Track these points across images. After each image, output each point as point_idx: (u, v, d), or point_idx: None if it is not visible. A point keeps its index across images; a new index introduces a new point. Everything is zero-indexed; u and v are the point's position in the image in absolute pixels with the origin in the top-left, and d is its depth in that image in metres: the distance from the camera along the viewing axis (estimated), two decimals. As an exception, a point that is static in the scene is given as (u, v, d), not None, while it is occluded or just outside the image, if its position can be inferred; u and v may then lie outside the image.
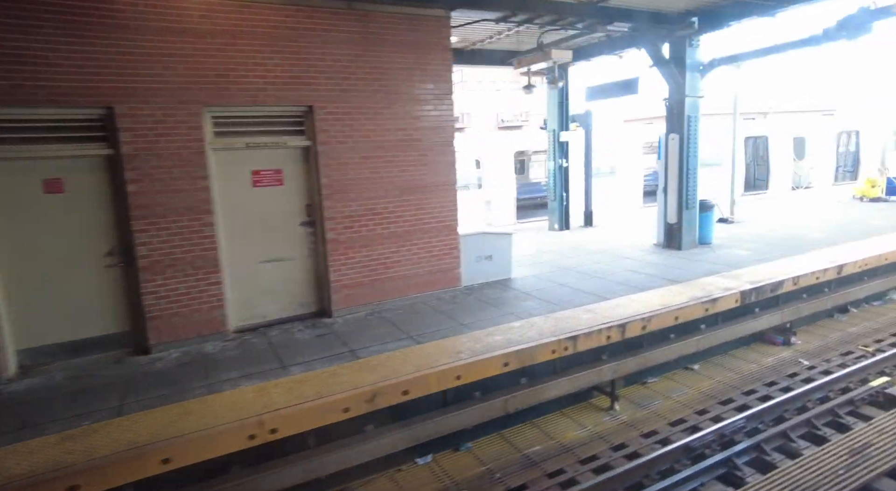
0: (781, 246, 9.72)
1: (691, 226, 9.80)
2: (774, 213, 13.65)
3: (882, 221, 11.63)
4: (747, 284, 7.32)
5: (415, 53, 6.89)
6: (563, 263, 9.25)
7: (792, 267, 8.14)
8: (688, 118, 9.37)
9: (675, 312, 6.50)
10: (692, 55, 9.22)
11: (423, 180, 7.14)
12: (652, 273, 8.23)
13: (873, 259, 8.59)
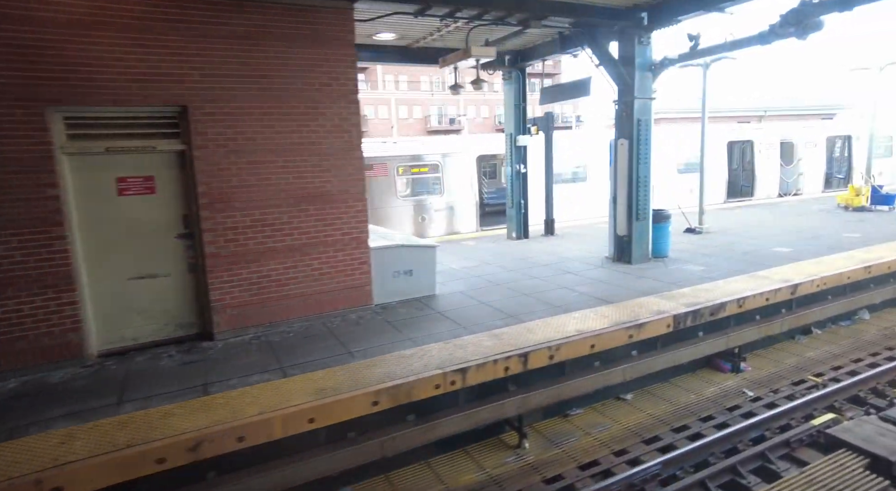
0: (741, 261, 8.97)
1: (643, 238, 9.07)
2: (749, 223, 12.87)
3: (857, 234, 10.83)
4: (683, 306, 6.59)
5: (312, 49, 6.23)
6: (499, 277, 8.55)
7: (741, 286, 7.39)
8: (637, 122, 8.65)
9: (591, 340, 5.78)
10: (642, 54, 8.50)
11: (324, 188, 6.47)
12: (587, 292, 7.51)
13: (832, 278, 7.82)
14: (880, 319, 8.89)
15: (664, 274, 8.31)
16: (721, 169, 17.47)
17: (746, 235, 11.23)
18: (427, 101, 55.24)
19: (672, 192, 16.62)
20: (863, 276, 8.26)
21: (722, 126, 18.76)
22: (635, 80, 8.49)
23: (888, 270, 8.53)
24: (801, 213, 14.34)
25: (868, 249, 9.35)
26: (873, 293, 8.72)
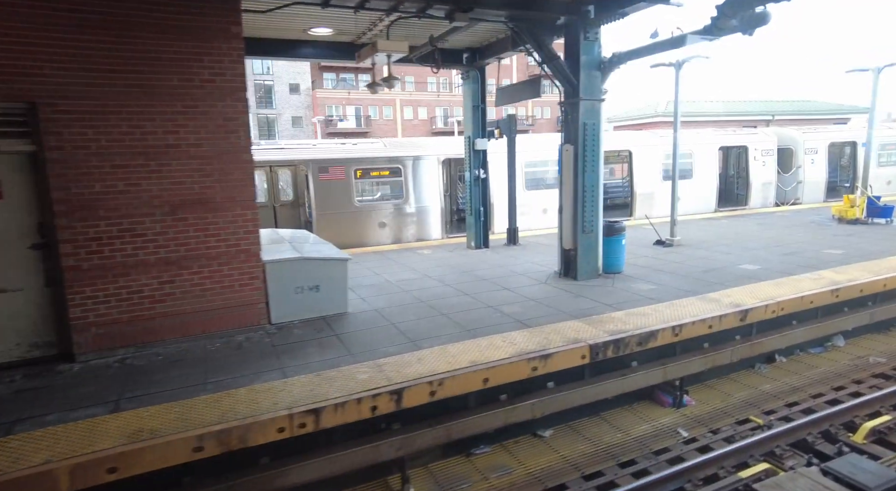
0: (699, 280, 8.14)
1: (590, 253, 8.30)
2: (727, 236, 11.96)
3: (839, 251, 9.90)
4: (606, 334, 5.83)
5: (191, 40, 5.61)
6: (430, 292, 7.85)
7: (684, 311, 6.59)
8: (583, 125, 7.88)
9: (484, 373, 5.06)
10: (589, 50, 7.74)
11: (206, 194, 5.85)
12: (513, 312, 6.77)
13: (791, 303, 6.97)
14: (856, 346, 8.00)
15: (607, 293, 7.53)
16: (711, 176, 16.51)
17: (718, 250, 10.37)
18: (433, 102, 54.66)
19: (659, 201, 15.77)
20: (829, 300, 7.39)
21: (712, 130, 17.78)
22: (580, 80, 7.73)
23: (859, 293, 7.64)
24: (790, 224, 13.37)
25: (843, 268, 8.45)
26: (846, 318, 7.83)
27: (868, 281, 7.71)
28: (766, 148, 17.35)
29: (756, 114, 28.89)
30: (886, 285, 7.88)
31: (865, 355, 7.65)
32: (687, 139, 16.39)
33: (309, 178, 11.96)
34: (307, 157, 11.90)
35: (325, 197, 12.06)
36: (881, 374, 7.09)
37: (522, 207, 14.01)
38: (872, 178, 18.89)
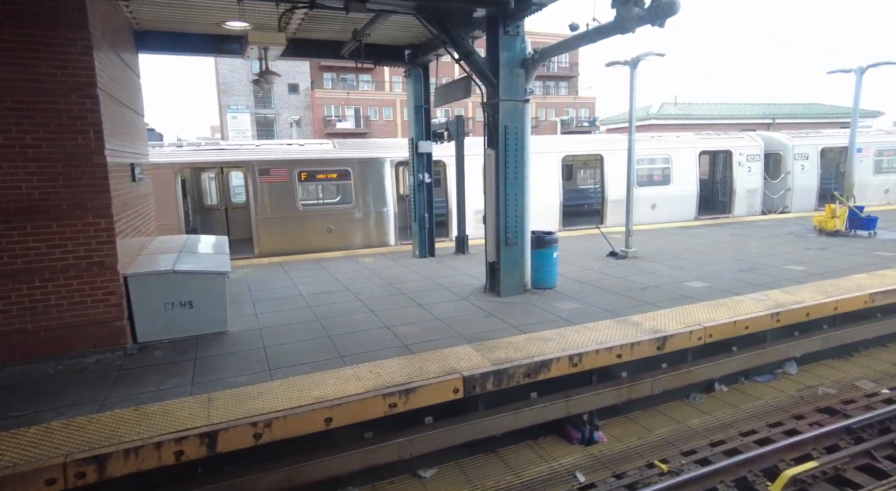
0: (633, 299, 7.40)
1: (515, 267, 7.59)
2: (689, 247, 11.14)
3: (802, 267, 9.07)
4: (489, 364, 5.13)
5: (25, 28, 5.03)
6: (337, 309, 7.22)
7: (595, 336, 5.87)
8: (504, 129, 7.19)
9: (327, 412, 4.39)
10: (510, 46, 7.04)
11: (48, 201, 5.26)
12: (408, 333, 6.11)
13: (722, 329, 6.21)
14: (809, 374, 7.21)
15: (523, 313, 6.82)
16: (691, 182, 15.65)
17: (672, 264, 9.59)
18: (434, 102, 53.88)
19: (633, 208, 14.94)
20: (769, 325, 6.61)
21: (693, 134, 16.89)
22: (500, 79, 7.03)
23: (805, 317, 6.84)
24: (767, 235, 12.51)
25: (794, 288, 7.64)
26: (796, 344, 7.05)
27: (816, 303, 6.91)
28: (752, 153, 16.44)
29: (755, 117, 27.81)
30: (838, 308, 7.07)
31: (816, 385, 6.87)
32: (664, 143, 15.59)
33: (248, 181, 11.38)
34: (248, 158, 11.33)
35: (265, 200, 11.47)
36: (827, 407, 6.31)
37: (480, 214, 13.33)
38: (869, 185, 17.95)
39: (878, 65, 11.55)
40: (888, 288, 7.46)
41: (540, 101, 57.61)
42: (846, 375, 7.16)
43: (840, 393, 6.70)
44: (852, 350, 7.82)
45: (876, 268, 8.80)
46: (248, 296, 8.04)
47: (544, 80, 60.92)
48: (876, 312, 7.96)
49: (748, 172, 16.40)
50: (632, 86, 10.02)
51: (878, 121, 29.56)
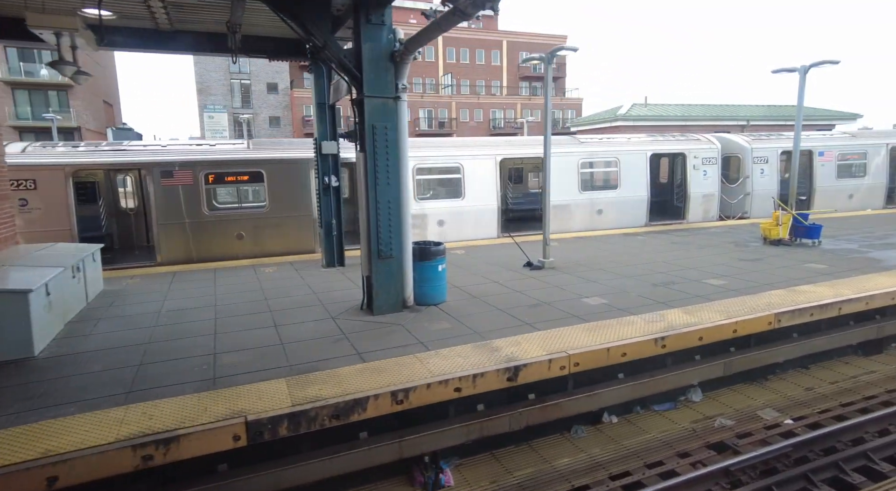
0: (516, 318, 6.69)
1: (390, 282, 6.86)
2: (612, 257, 10.41)
3: (724, 281, 8.36)
4: (290, 405, 4.39)
5: None
6: (178, 330, 6.49)
7: (435, 367, 5.14)
8: (372, 129, 6.46)
9: (54, 470, 3.65)
10: (375, 37, 6.31)
11: None
12: (236, 363, 5.38)
13: (592, 357, 5.49)
14: (714, 401, 6.53)
15: (383, 336, 6.09)
16: (641, 186, 14.93)
17: (585, 276, 8.87)
18: (416, 103, 53.43)
19: (577, 214, 14.26)
20: (653, 351, 5.89)
21: (645, 136, 16.19)
22: (364, 73, 6.31)
23: (698, 341, 6.12)
24: (708, 244, 11.80)
25: (697, 307, 6.93)
26: (696, 370, 6.35)
27: (712, 326, 6.19)
28: (708, 156, 15.74)
29: (729, 119, 27.15)
30: (737, 330, 6.36)
31: (716, 416, 6.17)
32: (612, 145, 14.89)
33: (149, 183, 10.63)
34: (148, 159, 10.58)
35: (167, 205, 10.72)
36: (719, 442, 5.62)
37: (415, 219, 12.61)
38: (832, 191, 17.26)
39: (820, 64, 10.85)
40: (796, 307, 6.75)
41: (526, 103, 57.06)
42: (752, 404, 6.48)
43: (738, 425, 6.02)
44: (769, 373, 7.15)
45: (800, 282, 8.10)
46: (105, 312, 7.30)
47: (530, 81, 60.39)
48: (793, 331, 7.27)
49: (703, 176, 15.70)
50: (547, 84, 9.29)
51: (852, 124, 28.95)
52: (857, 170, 17.75)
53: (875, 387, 6.98)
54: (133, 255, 11.84)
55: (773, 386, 6.99)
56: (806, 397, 6.70)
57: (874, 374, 7.39)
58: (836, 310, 7.07)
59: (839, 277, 8.41)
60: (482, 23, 63.16)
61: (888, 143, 17.60)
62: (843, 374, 7.39)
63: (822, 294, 7.37)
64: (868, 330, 7.70)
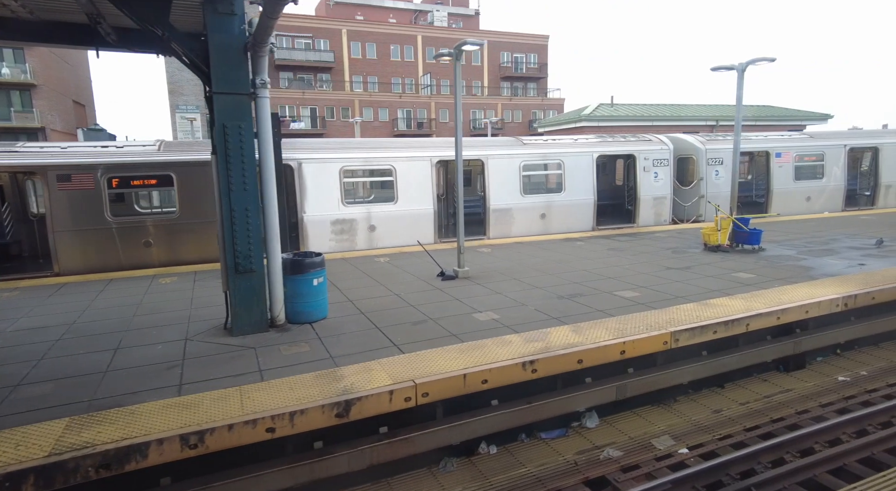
0: (389, 338, 6.06)
1: (253, 299, 6.22)
2: (543, 264, 9.81)
3: (640, 293, 7.79)
4: (42, 457, 3.73)
5: None
6: (4, 353, 5.79)
7: (262, 402, 4.50)
8: (223, 129, 5.81)
9: None
10: (224, 26, 5.67)
11: None
12: (33, 397, 4.70)
13: (444, 385, 4.86)
14: (610, 427, 5.97)
15: (230, 360, 5.45)
16: (587, 190, 14.36)
17: (494, 287, 8.27)
18: (395, 103, 52.83)
19: (519, 219, 13.67)
20: (520, 377, 5.28)
21: (594, 137, 15.64)
22: (213, 66, 5.66)
23: (577, 365, 5.52)
24: (644, 251, 11.24)
25: (588, 325, 6.34)
26: (587, 394, 5.76)
27: (593, 348, 5.60)
28: (659, 157, 15.21)
29: (699, 119, 26.70)
30: (626, 352, 5.77)
31: (605, 445, 5.58)
32: (557, 147, 14.32)
33: (46, 188, 9.91)
34: (43, 161, 9.86)
35: (65, 211, 10.01)
36: (599, 477, 5.04)
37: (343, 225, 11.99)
38: (789, 193, 16.78)
39: (756, 61, 10.32)
40: (697, 324, 6.17)
41: (507, 103, 56.57)
42: (651, 430, 5.90)
43: (627, 456, 5.42)
44: (679, 393, 6.59)
45: (718, 295, 7.54)
46: (-54, 331, 6.60)
47: (512, 81, 59.92)
48: (701, 348, 6.70)
49: (654, 179, 15.17)
50: (456, 80, 8.69)
51: (824, 125, 28.62)
52: (816, 172, 17.29)
53: (786, 408, 6.43)
54: (33, 264, 11.11)
55: (680, 408, 6.43)
56: (711, 421, 6.13)
57: (790, 392, 6.85)
58: (743, 326, 6.51)
59: (762, 287, 7.86)
60: (462, 22, 62.72)
61: (846, 144, 17.17)
62: (757, 393, 6.84)
63: (733, 309, 6.80)
64: (784, 346, 7.17)
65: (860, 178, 19.81)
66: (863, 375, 7.40)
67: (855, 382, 7.15)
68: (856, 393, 6.85)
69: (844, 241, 11.50)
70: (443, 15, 60.72)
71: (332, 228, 12.01)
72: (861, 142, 17.62)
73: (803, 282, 8.08)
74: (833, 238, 12.02)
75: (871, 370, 7.51)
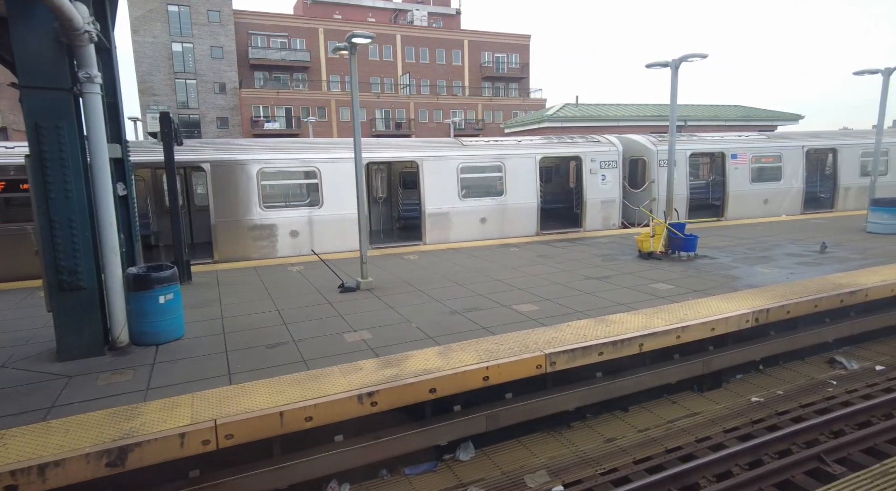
0: (231, 366, 5.40)
1: (82, 320, 5.53)
2: (455, 273, 9.18)
3: (539, 307, 7.17)
4: None
5: None
6: None
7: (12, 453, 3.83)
8: (35, 128, 5.12)
9: None
10: (27, 11, 4.98)
11: None
12: None
13: (252, 426, 4.18)
14: (486, 460, 5.41)
15: (28, 393, 4.76)
16: (530, 193, 13.76)
17: (391, 300, 7.63)
18: (373, 103, 52.15)
19: (457, 223, 13.04)
20: (356, 412, 4.63)
21: (539, 138, 15.05)
22: (16, 56, 4.97)
23: (429, 395, 4.87)
24: (574, 258, 10.63)
25: (461, 345, 5.70)
26: (456, 423, 5.13)
27: (450, 374, 4.95)
28: (607, 159, 14.64)
29: (664, 119, 26.16)
30: (489, 378, 5.13)
31: (472, 482, 5.00)
32: (498, 149, 13.71)
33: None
34: None
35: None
36: None
37: (263, 230, 11.29)
38: (746, 196, 16.25)
39: (689, 57, 9.75)
40: (579, 345, 5.55)
41: (487, 104, 56.04)
42: (528, 463, 5.30)
43: (488, 496, 4.80)
44: (576, 418, 6.01)
45: (623, 309, 6.95)
46: None
47: (493, 82, 59.39)
48: (595, 370, 6.09)
49: (602, 181, 14.60)
50: (353, 81, 8.04)
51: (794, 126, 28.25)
52: (773, 174, 16.80)
53: (687, 434, 5.85)
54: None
55: (572, 436, 5.82)
56: (601, 452, 5.52)
57: (696, 416, 6.27)
58: (635, 346, 5.90)
59: (675, 300, 7.28)
60: (442, 22, 62.09)
61: (804, 145, 16.69)
62: (662, 417, 6.26)
63: (629, 326, 6.20)
64: (693, 366, 6.58)
65: (822, 181, 19.39)
66: (779, 394, 6.85)
67: (767, 404, 6.59)
68: (765, 416, 6.29)
69: (787, 248, 10.97)
70: (423, 14, 60.05)
71: (251, 235, 11.32)
72: (819, 143, 17.17)
73: (723, 294, 7.51)
74: (777, 244, 11.48)
75: (788, 389, 6.96)
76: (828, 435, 5.88)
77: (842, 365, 7.67)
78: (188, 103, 49.27)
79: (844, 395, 6.81)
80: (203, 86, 49.32)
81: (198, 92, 49.28)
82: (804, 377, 7.30)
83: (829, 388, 7.08)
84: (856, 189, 17.33)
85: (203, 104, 49.37)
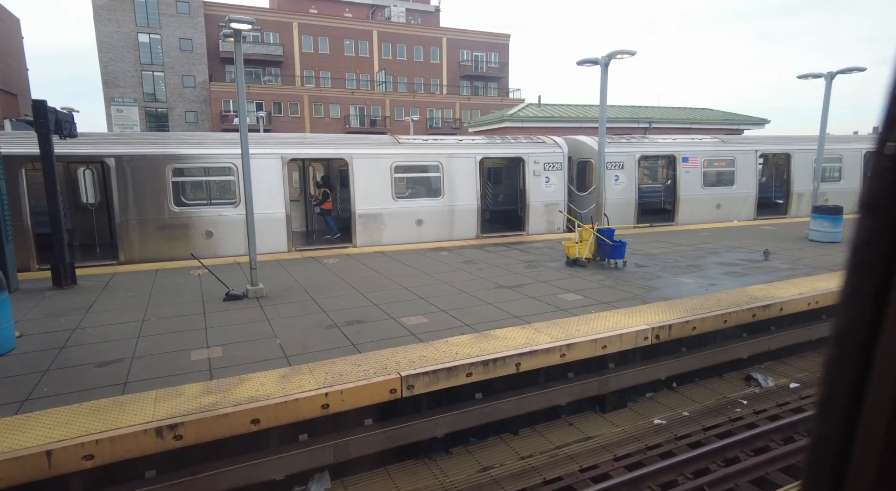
0: (41, 387, 4.75)
1: None
2: (361, 279, 8.59)
3: (431, 320, 6.62)
4: None
5: None
6: None
7: None
8: None
9: None
10: None
11: None
12: None
13: (9, 467, 3.57)
14: None
15: None
16: (469, 195, 13.20)
17: (275, 310, 7.02)
18: (347, 99, 51.30)
19: (390, 225, 12.43)
20: (154, 447, 4.02)
21: (482, 138, 14.53)
22: None
23: (252, 427, 4.27)
24: (499, 264, 10.10)
25: (317, 365, 5.12)
26: (286, 457, 4.53)
27: (280, 401, 4.36)
28: (551, 161, 14.14)
29: (628, 120, 25.81)
30: (329, 406, 4.54)
31: None
32: (436, 148, 13.14)
33: None
34: None
35: None
36: None
37: (178, 230, 10.59)
38: (697, 200, 15.90)
39: (619, 54, 9.27)
40: (438, 367, 5.00)
41: (465, 102, 55.48)
42: None
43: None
44: (461, 441, 5.48)
45: (519, 322, 6.42)
46: None
47: (472, 80, 58.84)
48: (475, 390, 5.55)
49: (545, 184, 14.10)
50: (238, 78, 7.40)
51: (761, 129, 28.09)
52: (726, 178, 16.46)
53: (573, 462, 5.37)
54: None
55: (446, 464, 5.30)
56: (471, 483, 4.98)
57: (590, 441, 5.78)
58: (511, 366, 5.36)
59: (575, 314, 6.76)
60: (421, 19, 61.39)
61: (757, 149, 16.37)
62: (551, 442, 5.76)
63: (512, 343, 5.66)
64: (587, 386, 6.08)
65: (780, 186, 19.13)
66: (684, 415, 6.40)
67: (669, 427, 6.12)
68: (663, 441, 5.82)
69: (722, 256, 10.56)
70: (401, 10, 59.30)
71: (160, 234, 10.62)
72: (773, 148, 16.89)
73: (630, 307, 7.02)
74: (714, 251, 11.07)
75: (695, 409, 6.51)
76: (720, 463, 5.44)
77: (757, 382, 7.26)
78: (156, 96, 48.06)
79: (752, 415, 6.38)
80: (171, 79, 48.13)
81: (166, 85, 48.07)
82: (716, 396, 6.86)
83: (739, 408, 6.65)
84: (809, 195, 17.06)
85: (171, 97, 48.16)
